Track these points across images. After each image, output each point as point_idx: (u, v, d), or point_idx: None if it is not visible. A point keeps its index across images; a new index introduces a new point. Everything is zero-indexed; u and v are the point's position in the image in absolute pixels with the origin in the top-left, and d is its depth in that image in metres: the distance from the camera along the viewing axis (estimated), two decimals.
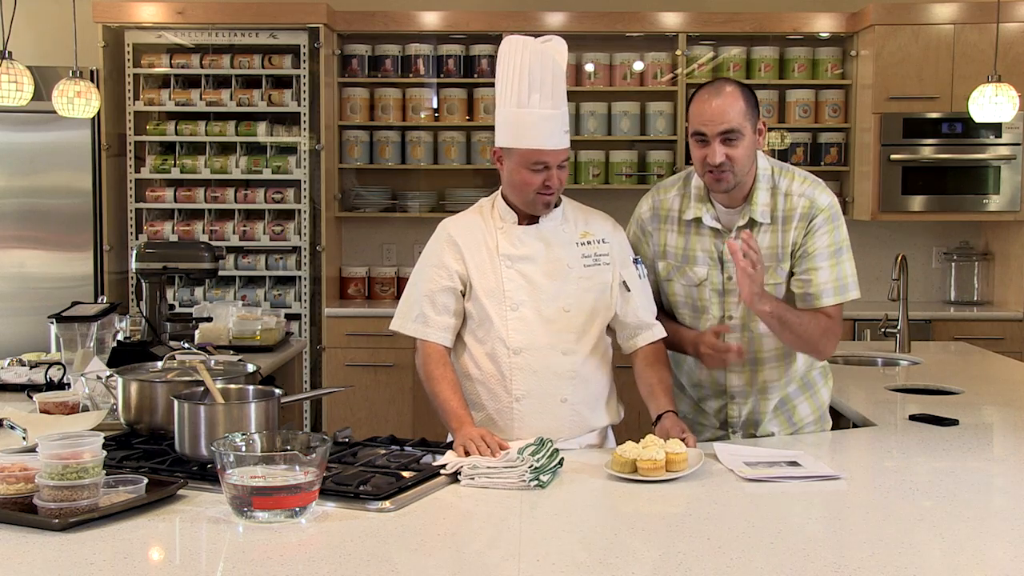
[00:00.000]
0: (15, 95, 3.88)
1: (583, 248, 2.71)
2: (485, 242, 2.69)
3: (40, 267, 5.62)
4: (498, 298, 2.64)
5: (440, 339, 2.67)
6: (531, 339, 2.63)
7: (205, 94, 5.66)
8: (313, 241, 5.63)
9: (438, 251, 2.71)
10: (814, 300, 2.75)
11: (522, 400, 2.64)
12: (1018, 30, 5.48)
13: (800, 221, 2.75)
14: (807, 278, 2.75)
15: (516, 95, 2.58)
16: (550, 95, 2.58)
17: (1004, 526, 2.08)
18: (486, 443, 2.38)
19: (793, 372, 2.87)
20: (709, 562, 1.83)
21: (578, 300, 2.67)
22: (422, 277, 2.71)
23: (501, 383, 2.65)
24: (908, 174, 5.59)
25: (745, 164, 2.68)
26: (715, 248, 2.80)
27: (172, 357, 2.92)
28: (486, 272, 2.66)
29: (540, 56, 2.58)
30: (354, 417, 5.43)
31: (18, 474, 2.02)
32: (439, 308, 2.67)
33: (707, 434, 2.93)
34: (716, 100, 2.65)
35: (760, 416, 2.89)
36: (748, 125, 2.66)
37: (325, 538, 1.93)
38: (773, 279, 2.76)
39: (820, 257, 2.74)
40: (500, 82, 2.63)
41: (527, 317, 2.64)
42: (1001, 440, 2.88)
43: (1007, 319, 5.53)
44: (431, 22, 5.75)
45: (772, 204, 2.76)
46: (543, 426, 2.61)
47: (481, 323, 2.66)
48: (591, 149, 5.92)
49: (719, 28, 5.77)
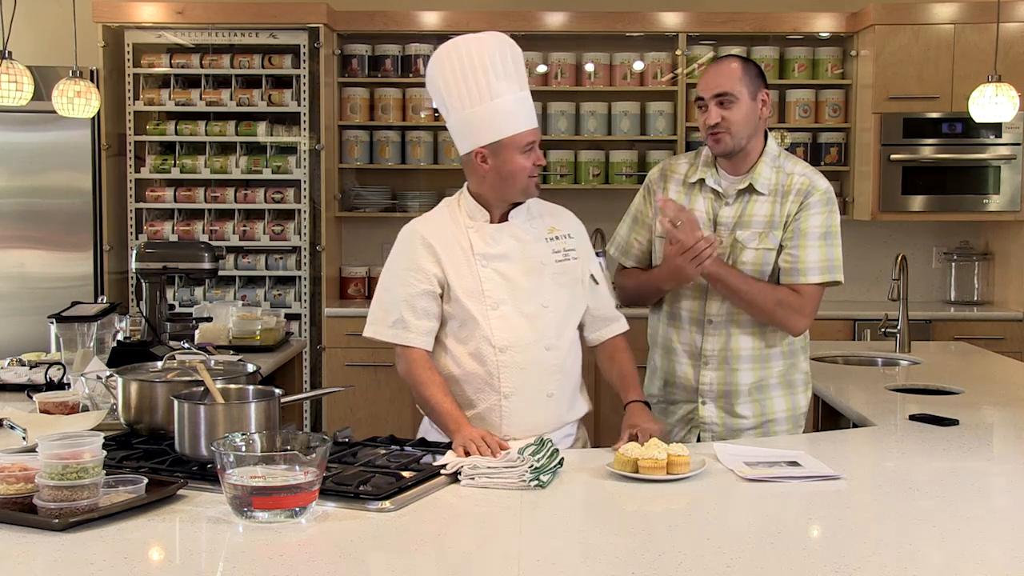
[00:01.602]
0: (15, 95, 3.88)
1: (552, 244, 2.73)
2: (458, 242, 2.67)
3: (40, 267, 5.62)
4: (478, 297, 2.64)
5: (423, 344, 2.65)
6: (516, 336, 2.63)
7: (205, 94, 5.66)
8: (313, 241, 5.63)
9: (412, 254, 2.67)
10: (798, 275, 2.89)
11: (510, 397, 2.64)
12: (1018, 30, 5.48)
13: (796, 196, 2.91)
14: (795, 254, 2.89)
15: (483, 90, 2.56)
16: (516, 79, 2.60)
17: (1004, 526, 2.08)
18: (487, 443, 2.38)
19: (768, 350, 2.94)
20: (709, 562, 1.83)
21: (555, 296, 2.68)
22: (397, 281, 2.67)
23: (488, 381, 2.64)
24: (908, 174, 5.59)
25: (741, 128, 2.86)
26: (712, 210, 2.95)
27: (172, 357, 2.91)
28: (463, 272, 2.65)
29: (491, 47, 2.58)
30: (354, 417, 5.43)
31: (18, 474, 2.02)
32: (419, 312, 2.64)
33: (679, 396, 2.99)
34: (715, 68, 2.91)
35: (732, 388, 2.93)
36: (744, 91, 2.85)
37: (325, 538, 1.93)
38: (763, 244, 2.90)
39: (811, 236, 2.89)
40: (456, 86, 2.59)
41: (508, 315, 2.64)
42: (1001, 440, 2.88)
43: (1007, 319, 5.53)
44: (431, 22, 5.75)
45: (774, 180, 2.93)
46: (530, 421, 2.63)
47: (463, 323, 2.65)
48: (591, 149, 5.92)
49: (719, 28, 5.77)
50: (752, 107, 2.87)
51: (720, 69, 2.89)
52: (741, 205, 2.93)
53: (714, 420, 2.95)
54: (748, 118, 2.87)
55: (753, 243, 2.90)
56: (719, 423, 2.95)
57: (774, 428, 2.97)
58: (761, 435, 2.94)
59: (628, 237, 3.09)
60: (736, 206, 2.93)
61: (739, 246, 2.91)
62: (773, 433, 2.97)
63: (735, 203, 2.93)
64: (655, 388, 3.07)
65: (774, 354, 2.96)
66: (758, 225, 2.90)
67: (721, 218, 2.93)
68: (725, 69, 2.88)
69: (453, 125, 2.67)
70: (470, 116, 2.60)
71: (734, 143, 2.87)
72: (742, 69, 2.87)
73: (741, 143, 2.88)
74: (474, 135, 2.62)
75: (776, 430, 2.97)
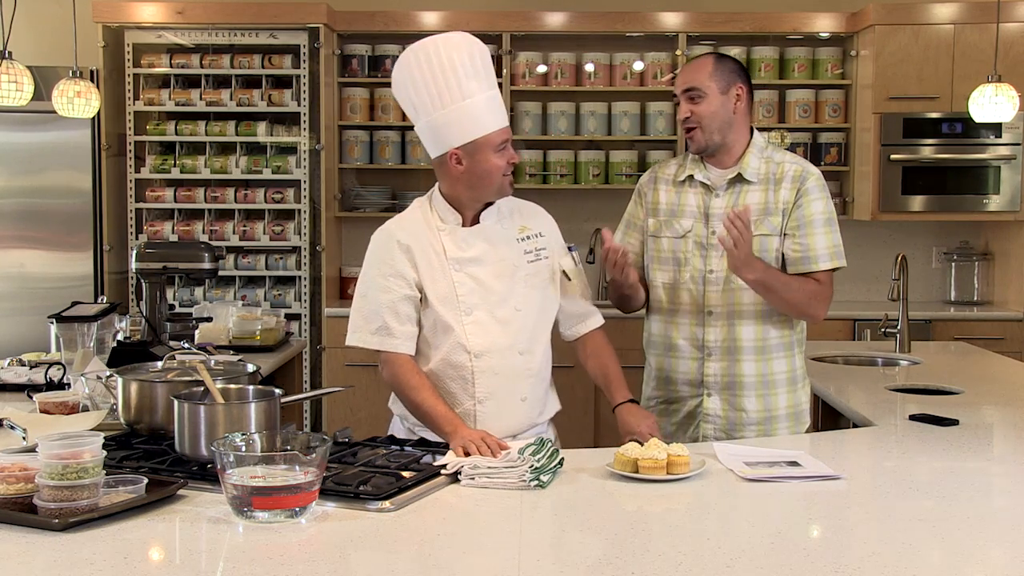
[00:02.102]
0: (15, 95, 3.88)
1: (524, 244, 2.71)
2: (432, 245, 2.65)
3: (40, 267, 5.62)
4: (452, 303, 2.62)
5: (408, 349, 2.64)
6: (490, 341, 2.62)
7: (205, 94, 5.66)
8: (313, 241, 5.63)
9: (390, 259, 2.64)
10: (811, 264, 2.91)
11: (485, 402, 2.63)
12: (1018, 30, 5.48)
13: (792, 183, 2.93)
14: (804, 243, 2.90)
15: (453, 91, 2.54)
16: (485, 77, 2.58)
17: (1004, 526, 2.08)
18: (487, 444, 2.38)
19: (769, 340, 2.94)
20: (709, 562, 1.83)
21: (527, 299, 2.68)
22: (377, 287, 2.64)
23: (462, 387, 2.63)
24: (908, 174, 5.59)
25: (710, 122, 2.89)
26: (703, 203, 2.96)
27: (172, 357, 2.91)
28: (437, 277, 2.63)
29: (457, 48, 2.57)
30: (354, 417, 5.43)
31: (18, 474, 2.02)
32: (402, 318, 2.62)
33: (684, 392, 2.98)
34: (688, 64, 2.98)
35: (737, 379, 2.93)
36: (713, 85, 2.88)
37: (325, 538, 1.93)
38: (761, 230, 2.91)
39: (816, 224, 2.91)
40: (426, 88, 2.57)
41: (482, 320, 2.63)
42: (1001, 440, 2.88)
43: (1007, 319, 5.53)
44: (431, 22, 5.74)
45: (764, 169, 2.95)
46: (503, 425, 2.62)
47: (437, 329, 2.63)
48: (591, 149, 5.92)
49: (719, 28, 5.77)
50: (723, 101, 2.88)
51: (691, 64, 2.95)
52: (732, 195, 2.94)
53: (718, 413, 2.95)
54: (718, 112, 2.89)
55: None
56: (723, 416, 2.95)
57: (776, 425, 2.97)
58: (762, 433, 2.94)
59: (622, 241, 3.06)
60: (727, 197, 2.94)
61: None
62: (775, 430, 2.96)
63: (725, 194, 2.94)
64: (653, 390, 3.07)
65: (775, 345, 2.95)
66: (753, 213, 2.90)
67: (712, 209, 2.94)
68: (695, 64, 2.93)
69: (423, 128, 2.64)
70: (441, 118, 2.57)
71: (706, 138, 2.90)
72: (713, 64, 2.90)
73: (714, 138, 2.91)
74: (447, 137, 2.59)
75: (778, 427, 2.97)
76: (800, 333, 3.03)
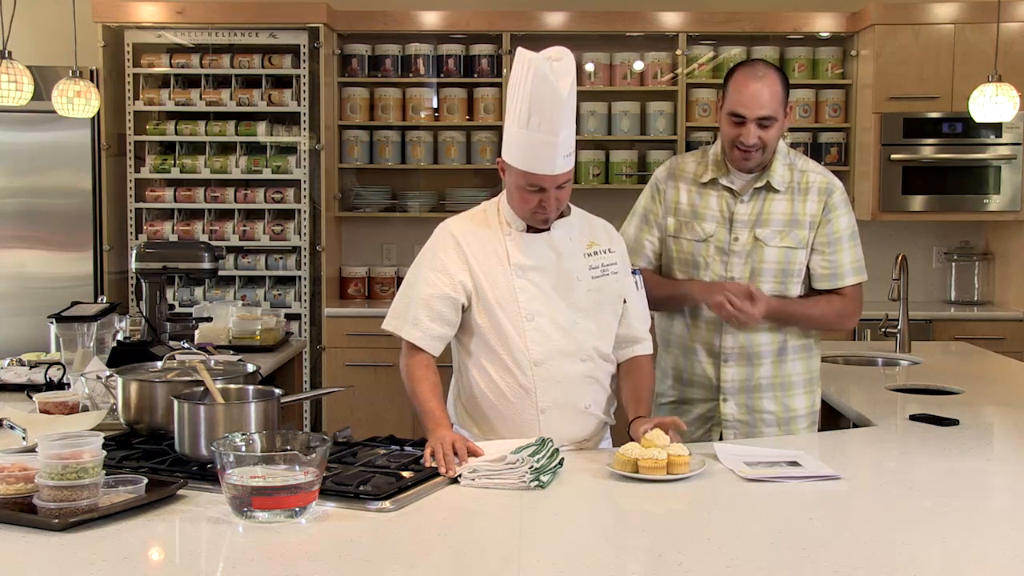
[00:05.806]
0: (15, 95, 3.88)
1: (590, 259, 2.66)
2: (495, 250, 2.62)
3: (40, 267, 5.62)
4: (512, 308, 2.58)
5: (429, 347, 2.61)
6: (551, 349, 2.58)
7: (205, 94, 5.66)
8: (313, 241, 5.63)
9: (441, 255, 2.62)
10: (838, 280, 2.94)
11: (547, 411, 2.59)
12: (1018, 30, 5.47)
13: (819, 195, 2.92)
14: (834, 259, 2.93)
15: (518, 114, 2.50)
16: (548, 120, 2.47)
17: (1004, 526, 2.08)
18: (454, 450, 2.32)
19: (786, 344, 2.95)
20: (709, 562, 1.83)
21: (588, 309, 2.63)
22: (421, 279, 2.63)
23: (524, 396, 2.59)
24: (908, 174, 5.59)
25: (773, 146, 2.88)
26: (727, 208, 2.94)
27: (172, 357, 2.91)
28: (497, 281, 2.59)
29: (543, 80, 2.46)
30: (354, 417, 5.43)
31: (18, 474, 2.02)
32: (434, 315, 2.60)
33: (698, 395, 2.98)
34: (756, 84, 2.81)
35: (754, 383, 2.93)
36: (782, 110, 2.84)
37: (325, 538, 1.93)
38: (785, 243, 2.90)
39: (844, 240, 2.94)
40: (509, 97, 2.57)
41: (544, 327, 2.58)
42: (1001, 440, 2.88)
43: (1007, 319, 5.53)
44: (431, 22, 5.74)
45: (789, 177, 2.94)
46: (569, 434, 2.59)
47: (495, 335, 2.59)
48: (591, 149, 5.92)
49: (719, 28, 5.77)
50: (784, 123, 2.88)
51: (764, 90, 2.79)
52: (758, 203, 2.91)
53: (736, 416, 2.94)
54: (779, 135, 2.89)
55: (775, 241, 2.90)
56: (741, 419, 2.94)
57: (796, 426, 2.97)
58: (783, 433, 2.94)
59: (638, 237, 3.03)
60: (752, 204, 2.91)
61: (760, 244, 2.90)
62: (795, 430, 2.96)
63: (751, 201, 2.91)
64: (667, 387, 3.04)
65: (793, 347, 2.95)
66: (777, 223, 2.90)
67: (737, 215, 2.91)
68: (769, 91, 2.79)
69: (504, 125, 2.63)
70: (508, 128, 2.56)
71: (764, 159, 2.88)
72: (780, 85, 2.82)
73: (767, 156, 2.89)
74: (504, 144, 2.58)
75: (798, 427, 2.97)
76: (817, 334, 3.04)
